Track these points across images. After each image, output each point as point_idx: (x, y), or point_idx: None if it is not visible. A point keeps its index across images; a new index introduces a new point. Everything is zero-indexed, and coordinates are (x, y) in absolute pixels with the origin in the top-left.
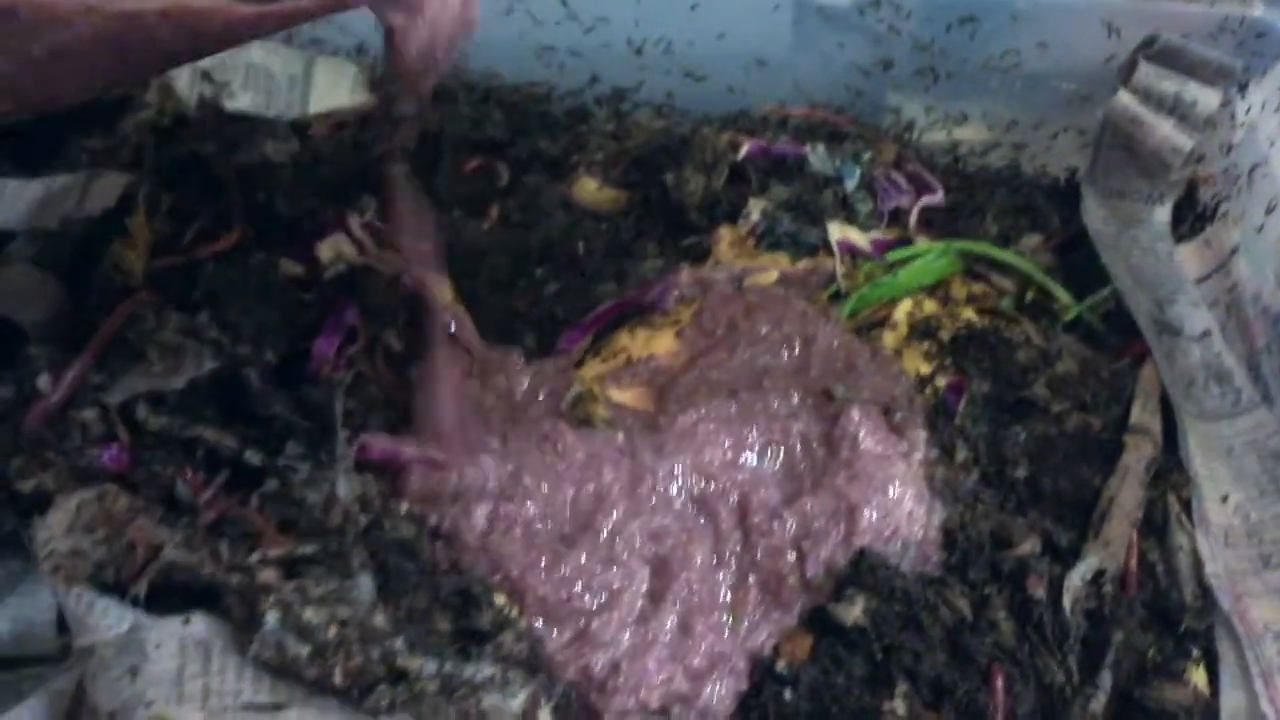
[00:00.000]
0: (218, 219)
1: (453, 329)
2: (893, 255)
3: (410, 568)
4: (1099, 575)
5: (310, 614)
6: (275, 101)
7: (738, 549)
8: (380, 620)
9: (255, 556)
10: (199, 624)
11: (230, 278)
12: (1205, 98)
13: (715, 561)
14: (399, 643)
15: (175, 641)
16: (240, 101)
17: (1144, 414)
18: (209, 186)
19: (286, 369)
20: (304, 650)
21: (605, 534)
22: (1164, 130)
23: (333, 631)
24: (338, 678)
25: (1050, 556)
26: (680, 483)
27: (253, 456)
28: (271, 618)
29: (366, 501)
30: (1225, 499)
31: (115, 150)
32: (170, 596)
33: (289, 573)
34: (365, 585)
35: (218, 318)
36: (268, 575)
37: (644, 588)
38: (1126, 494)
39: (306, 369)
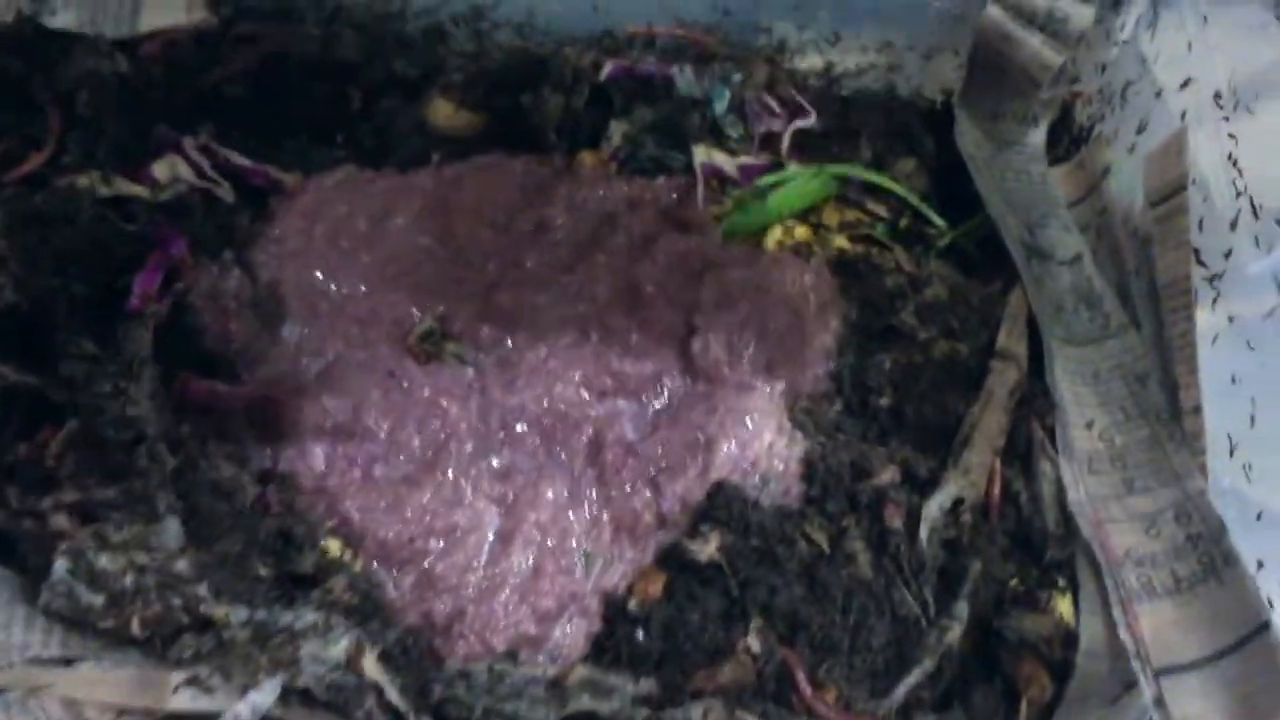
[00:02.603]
0: (25, 141)
1: None
2: (763, 180)
3: (224, 509)
4: (958, 504)
5: (105, 561)
6: (103, 19)
7: (591, 487)
8: (184, 567)
9: (48, 501)
10: None
11: (36, 204)
12: (1077, 13)
13: (568, 500)
14: (203, 589)
15: None
16: (63, 19)
17: (1010, 339)
18: (20, 107)
19: (105, 303)
20: (98, 599)
21: (451, 474)
22: (1033, 46)
23: (129, 579)
24: (135, 628)
25: (910, 486)
26: (531, 419)
27: (56, 395)
28: (61, 565)
29: (178, 442)
30: (1090, 425)
31: None
32: None
33: (88, 518)
34: (171, 529)
35: (20, 247)
36: (61, 521)
37: (492, 529)
38: (989, 420)
39: (126, 305)
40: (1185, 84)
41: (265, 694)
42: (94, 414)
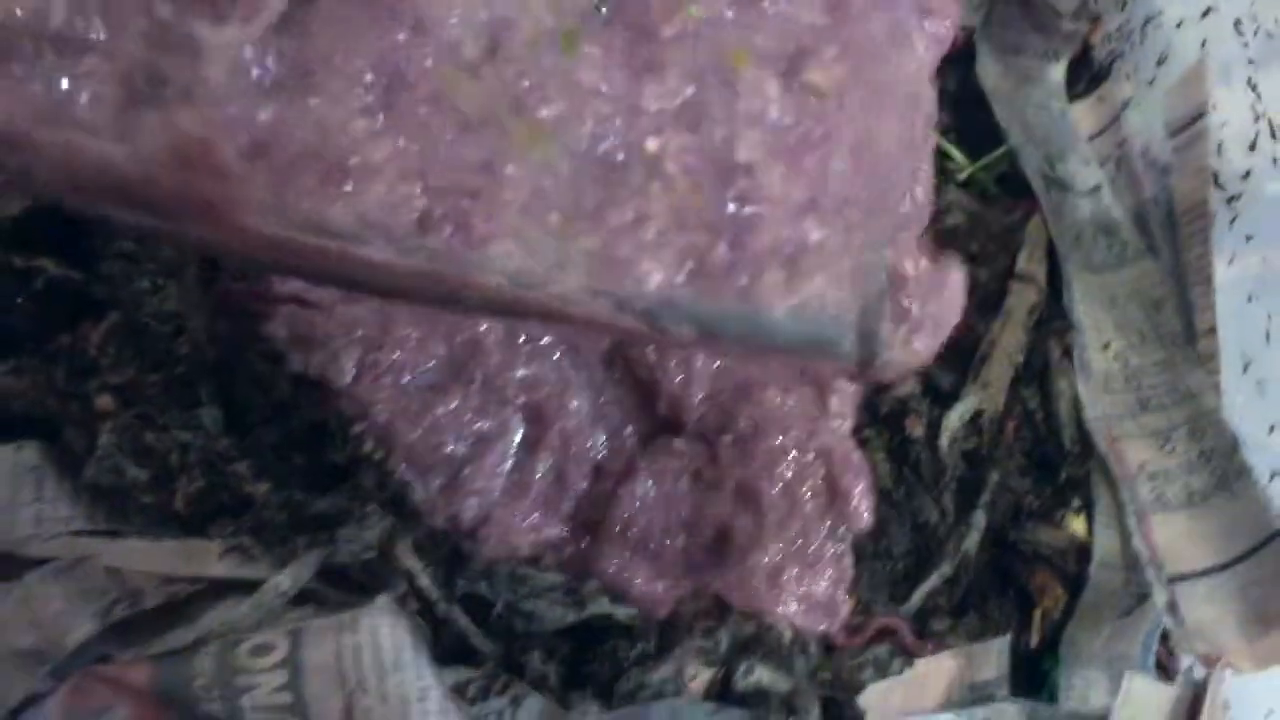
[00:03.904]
0: None
1: None
2: None
3: (262, 402)
4: (977, 416)
5: (150, 438)
6: None
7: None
8: (224, 447)
9: (93, 383)
10: (31, 451)
11: None
12: None
13: (591, 411)
14: (244, 468)
15: (6, 468)
16: None
17: (1030, 262)
18: None
19: None
20: (142, 474)
21: (478, 383)
22: None
23: (174, 456)
24: (179, 503)
25: (930, 398)
26: (558, 333)
27: (98, 290)
28: (108, 440)
29: (217, 336)
30: (1107, 346)
31: None
32: (5, 429)
33: (130, 402)
34: (212, 414)
35: None
36: (105, 401)
37: (518, 436)
38: (1008, 337)
39: None
40: (1206, 13)
41: (305, 566)
42: (134, 308)
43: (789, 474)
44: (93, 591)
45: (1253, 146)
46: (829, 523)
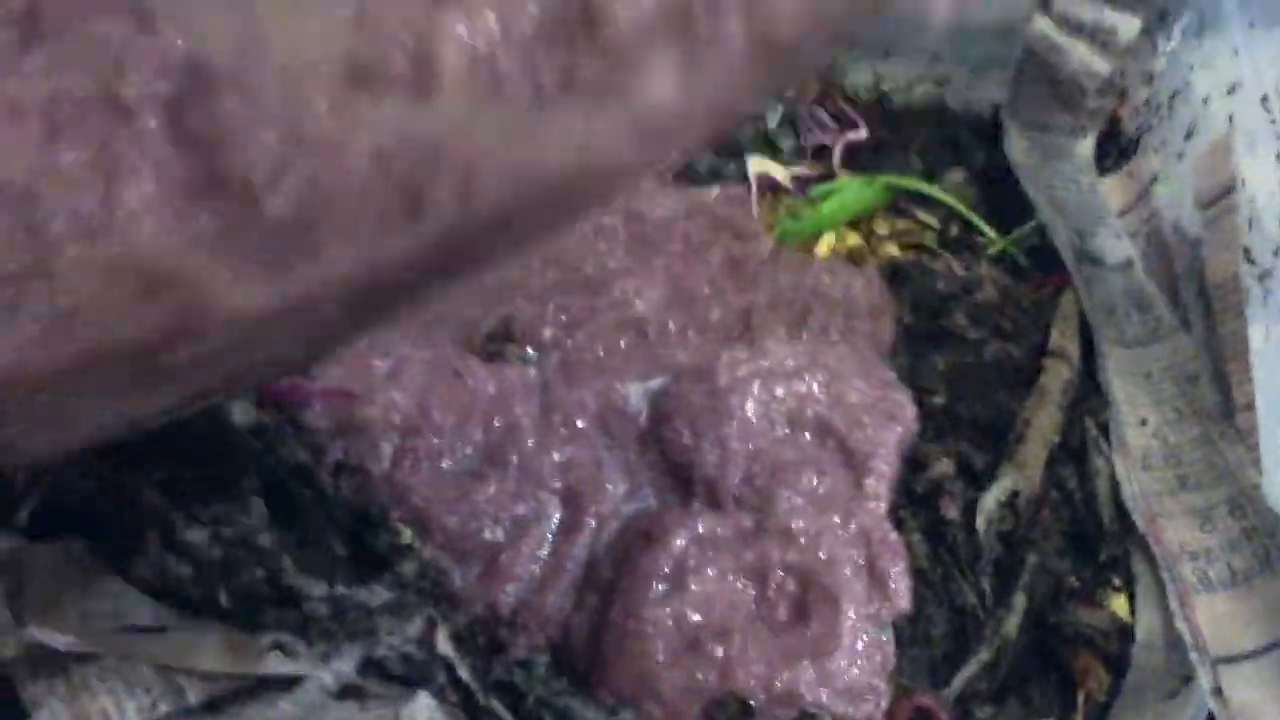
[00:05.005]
0: None
1: None
2: (816, 190)
3: (305, 493)
4: (1013, 496)
5: (195, 534)
6: None
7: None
8: (268, 541)
9: (139, 478)
10: (78, 547)
11: None
12: (1124, 24)
13: (627, 493)
14: (286, 563)
15: (54, 565)
16: None
17: (1063, 339)
18: None
19: None
20: (187, 571)
21: (514, 467)
22: (1081, 55)
23: (217, 552)
24: (223, 599)
25: (965, 479)
26: (591, 415)
27: None
28: (154, 537)
29: (261, 430)
30: (1144, 423)
31: None
32: (51, 524)
33: (175, 497)
34: (255, 508)
35: None
36: (151, 497)
37: (555, 520)
38: (1043, 416)
39: None
40: (1232, 89)
41: (347, 661)
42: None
43: (829, 557)
44: (138, 689)
45: None
46: (869, 607)
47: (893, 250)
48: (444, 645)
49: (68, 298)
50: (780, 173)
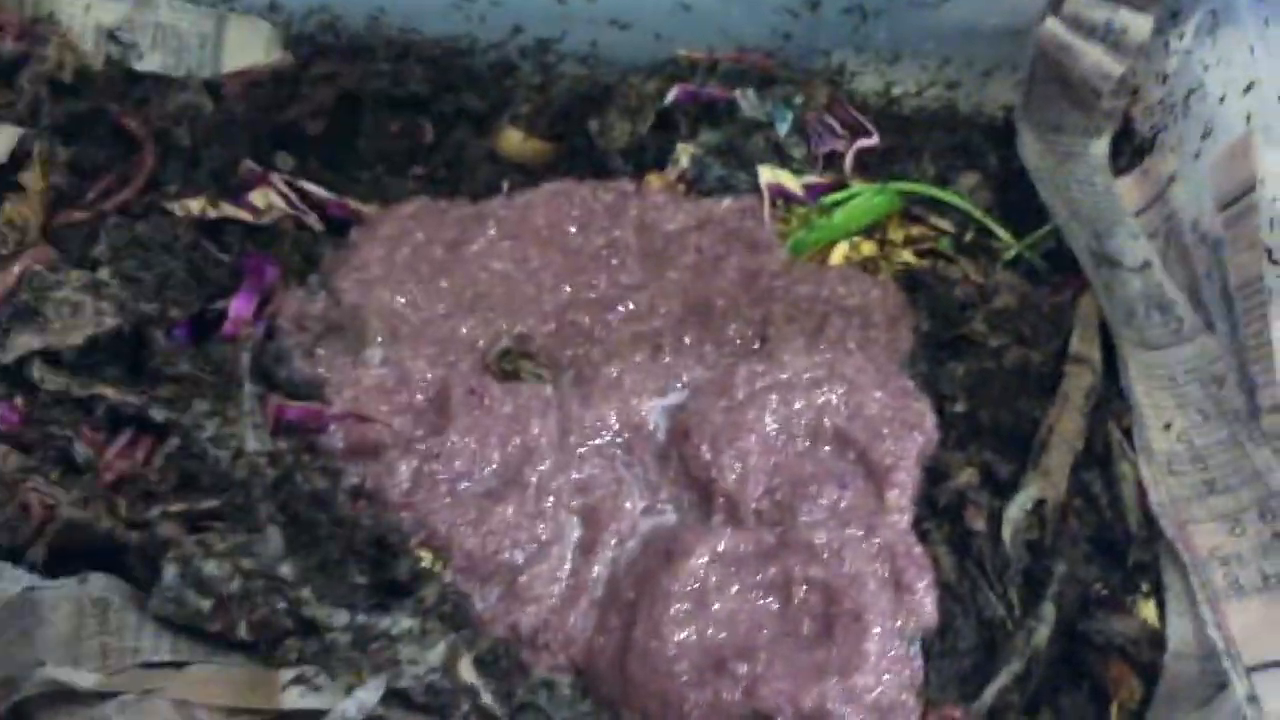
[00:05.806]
0: (122, 175)
1: None
2: (828, 198)
3: (323, 519)
4: (1039, 505)
5: (212, 566)
6: (185, 61)
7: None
8: (287, 571)
9: (155, 511)
10: (96, 582)
11: (136, 233)
12: (1136, 24)
13: (648, 508)
14: (307, 593)
15: (72, 601)
16: (149, 62)
17: (1083, 344)
18: (113, 142)
19: (201, 327)
20: (205, 604)
21: (533, 488)
22: (1094, 56)
23: (236, 584)
24: (242, 630)
25: (989, 489)
26: (609, 433)
27: (157, 414)
28: (170, 571)
29: (276, 456)
30: (1168, 426)
31: (10, 104)
32: (70, 559)
33: (192, 528)
34: (273, 538)
35: (121, 273)
36: (168, 529)
37: (574, 540)
38: (1066, 422)
39: (222, 329)
40: (1249, 88)
41: (370, 692)
42: (193, 431)
43: (853, 571)
44: None
45: None
46: (895, 621)
47: (908, 257)
48: (467, 672)
49: None
50: (792, 182)
